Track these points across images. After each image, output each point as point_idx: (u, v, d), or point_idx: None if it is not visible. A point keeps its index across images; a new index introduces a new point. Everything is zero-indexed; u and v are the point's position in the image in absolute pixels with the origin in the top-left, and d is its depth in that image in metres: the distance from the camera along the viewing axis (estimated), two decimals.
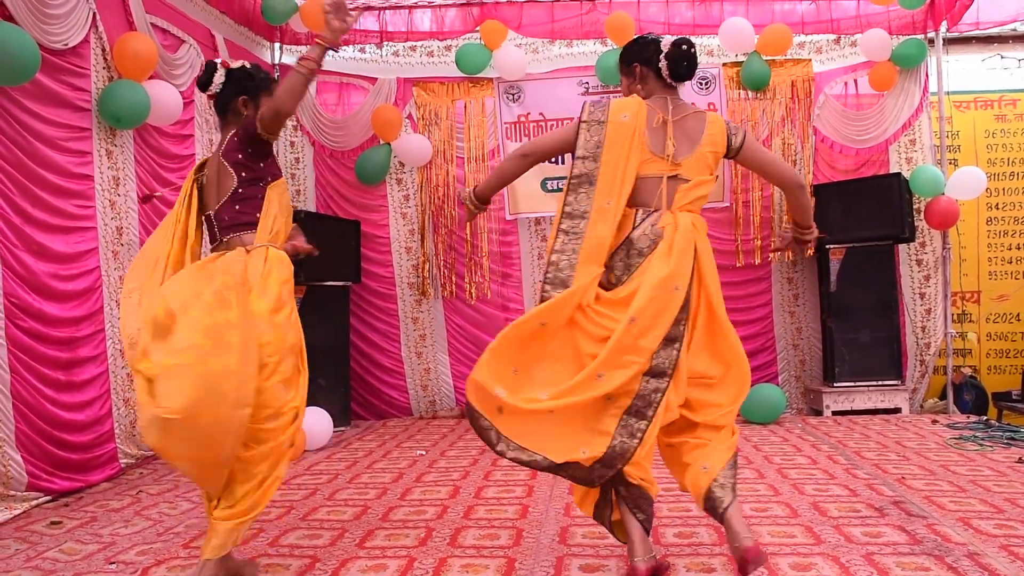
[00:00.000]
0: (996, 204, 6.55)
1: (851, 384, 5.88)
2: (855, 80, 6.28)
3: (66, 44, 3.97)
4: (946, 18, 5.97)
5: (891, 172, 6.09)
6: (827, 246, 5.98)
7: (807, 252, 5.89)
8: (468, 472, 4.22)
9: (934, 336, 6.13)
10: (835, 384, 5.91)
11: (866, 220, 5.86)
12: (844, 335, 5.95)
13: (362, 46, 6.41)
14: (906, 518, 3.10)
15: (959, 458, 4.23)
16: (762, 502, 3.41)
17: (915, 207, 6.02)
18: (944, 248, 6.12)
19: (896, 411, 5.83)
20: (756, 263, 6.23)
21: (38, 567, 2.78)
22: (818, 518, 3.14)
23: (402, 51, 6.47)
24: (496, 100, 6.20)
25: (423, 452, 4.86)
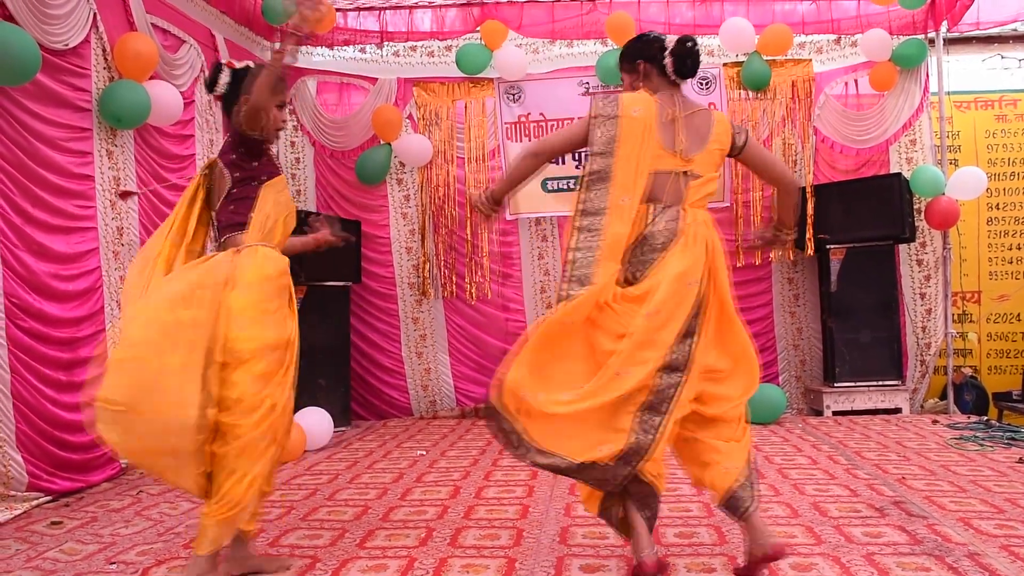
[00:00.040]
0: (996, 204, 6.55)
1: (851, 384, 5.88)
2: (855, 80, 6.28)
3: (67, 44, 3.97)
4: (946, 18, 5.97)
5: (891, 172, 6.09)
6: (827, 246, 5.99)
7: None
8: (468, 472, 4.22)
9: (934, 336, 6.13)
10: (835, 384, 5.91)
11: (866, 220, 5.86)
12: (844, 335, 5.95)
13: (363, 46, 6.41)
14: (907, 518, 3.09)
15: (959, 458, 4.22)
16: (763, 502, 3.35)
17: (915, 207, 6.02)
18: (944, 248, 6.12)
19: (897, 411, 5.83)
20: (756, 263, 6.24)
21: (39, 567, 2.78)
22: (818, 518, 3.14)
23: (402, 51, 6.47)
24: (496, 100, 6.20)
25: (423, 452, 4.86)
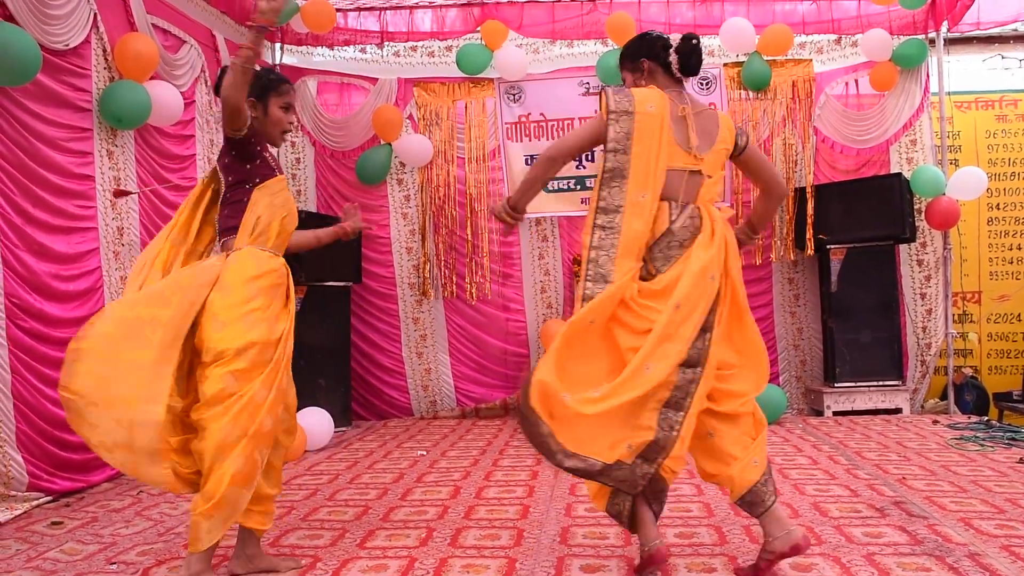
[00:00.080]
0: (997, 204, 6.55)
1: (852, 384, 5.88)
2: (856, 80, 6.28)
3: (67, 45, 3.97)
4: (947, 18, 5.97)
5: (892, 172, 6.09)
6: (828, 246, 5.99)
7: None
8: (469, 472, 4.22)
9: (935, 336, 6.13)
10: (836, 384, 5.91)
11: (867, 220, 5.86)
12: (845, 335, 5.95)
13: (363, 46, 6.42)
14: (907, 518, 3.09)
15: (960, 458, 4.22)
16: None
17: (916, 207, 6.02)
18: (945, 248, 6.12)
19: (897, 411, 5.83)
20: (757, 263, 6.24)
21: (39, 567, 2.78)
22: (819, 518, 3.14)
23: (403, 51, 6.48)
24: (497, 100, 6.19)
25: (424, 452, 4.86)
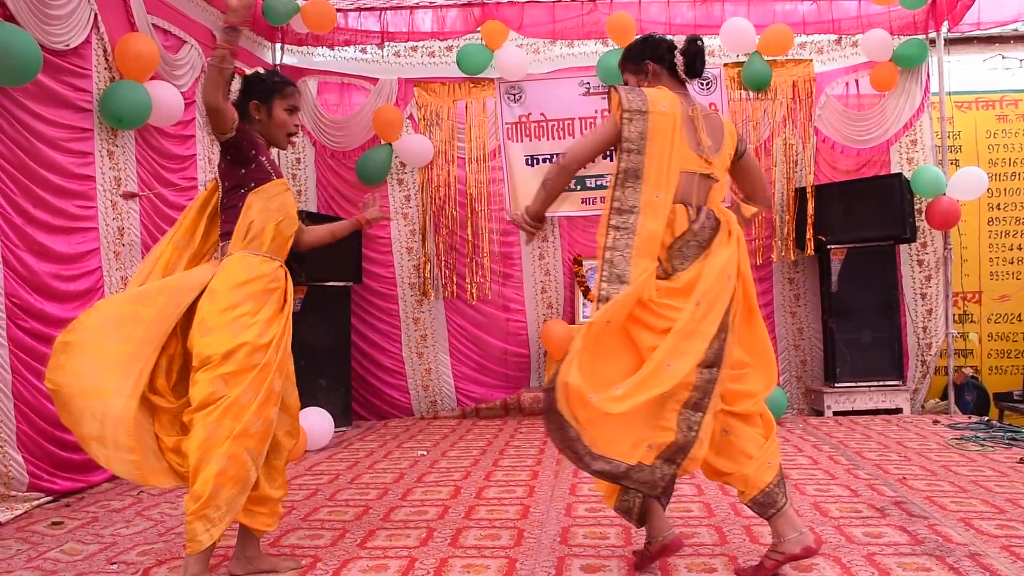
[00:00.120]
0: (997, 204, 6.55)
1: (852, 384, 5.88)
2: (856, 80, 6.28)
3: (68, 45, 3.97)
4: (947, 18, 5.97)
5: (892, 172, 6.09)
6: (828, 246, 5.99)
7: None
8: (469, 472, 4.22)
9: (935, 336, 6.12)
10: (836, 384, 5.91)
11: (867, 220, 5.86)
12: (845, 335, 5.95)
13: (363, 46, 6.41)
14: (907, 518, 3.09)
15: (960, 458, 4.22)
16: None
17: (916, 207, 6.02)
18: (945, 248, 6.12)
19: (897, 411, 5.83)
20: (757, 263, 6.23)
21: (39, 567, 2.78)
22: (819, 518, 3.14)
23: (403, 51, 6.48)
24: (497, 100, 6.19)
25: (424, 452, 4.86)
